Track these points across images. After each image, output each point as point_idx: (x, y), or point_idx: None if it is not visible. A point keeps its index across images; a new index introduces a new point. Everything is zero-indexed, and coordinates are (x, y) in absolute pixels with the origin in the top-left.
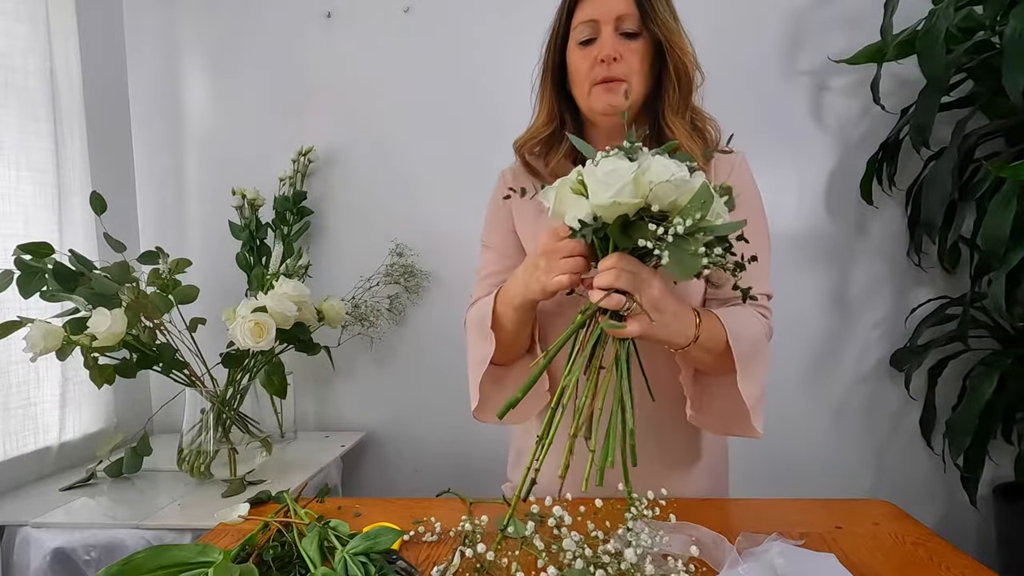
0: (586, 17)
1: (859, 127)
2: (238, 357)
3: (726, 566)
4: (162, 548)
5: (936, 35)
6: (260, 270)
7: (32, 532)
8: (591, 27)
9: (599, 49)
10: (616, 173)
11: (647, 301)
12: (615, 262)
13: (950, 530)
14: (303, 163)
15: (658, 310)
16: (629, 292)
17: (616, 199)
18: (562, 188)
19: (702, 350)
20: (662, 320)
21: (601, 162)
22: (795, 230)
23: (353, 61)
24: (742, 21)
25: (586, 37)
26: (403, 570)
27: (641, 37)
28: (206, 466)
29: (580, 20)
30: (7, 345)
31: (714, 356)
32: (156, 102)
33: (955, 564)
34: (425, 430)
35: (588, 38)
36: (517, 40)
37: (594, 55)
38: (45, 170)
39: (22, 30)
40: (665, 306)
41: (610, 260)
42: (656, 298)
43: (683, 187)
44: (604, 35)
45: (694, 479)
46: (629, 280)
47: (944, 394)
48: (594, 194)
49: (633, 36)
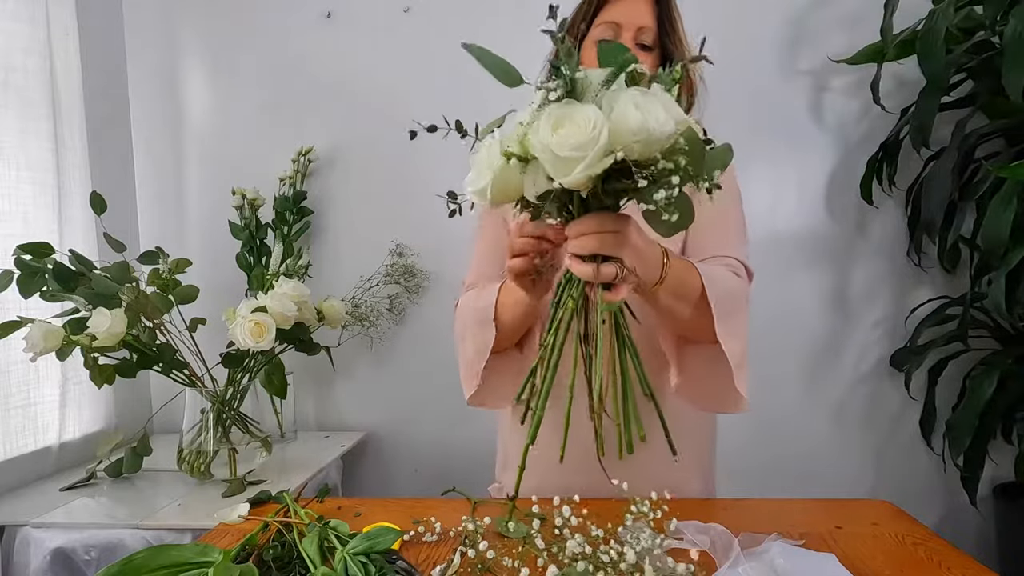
0: (610, 19)
1: (859, 127)
2: (238, 357)
3: (726, 566)
4: (162, 548)
5: (936, 35)
6: (260, 270)
7: (32, 532)
8: (613, 29)
9: None
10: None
11: (631, 255)
12: (593, 225)
13: (950, 530)
14: (303, 163)
15: (641, 260)
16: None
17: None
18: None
19: (675, 296)
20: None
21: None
22: (795, 230)
23: (353, 61)
24: (742, 21)
25: (606, 37)
26: (403, 570)
27: (654, 52)
28: (206, 466)
29: (604, 20)
30: (7, 345)
31: (690, 306)
32: (156, 102)
33: (955, 564)
34: (425, 430)
35: (607, 39)
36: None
37: None
38: (45, 170)
39: (22, 30)
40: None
41: (586, 223)
42: (640, 249)
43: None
44: (624, 39)
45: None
46: (613, 242)
47: (944, 394)
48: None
49: (647, 49)
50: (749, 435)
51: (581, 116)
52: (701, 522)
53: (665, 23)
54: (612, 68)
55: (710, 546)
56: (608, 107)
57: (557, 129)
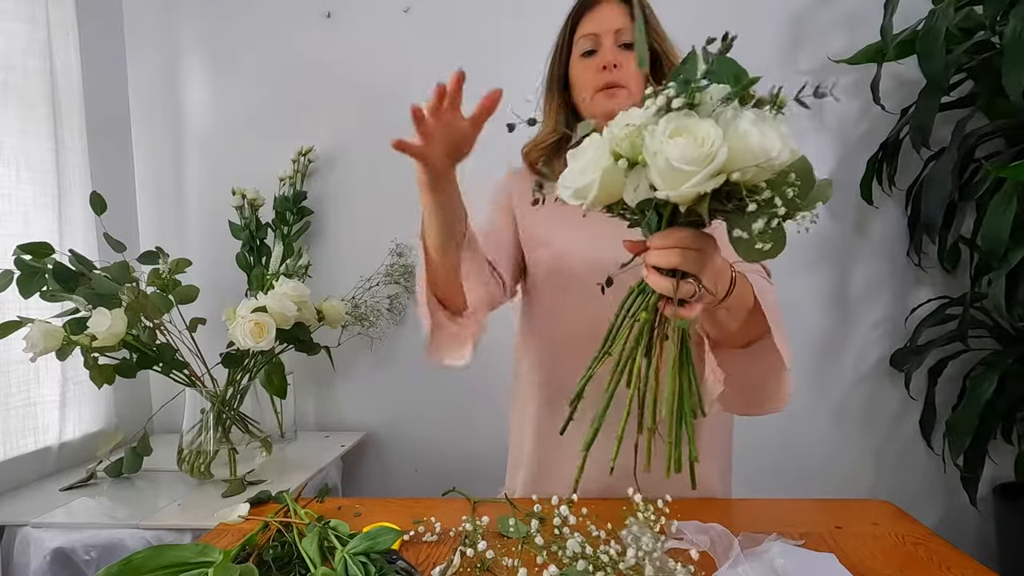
0: (587, 31)
1: (859, 127)
2: (238, 357)
3: (726, 566)
4: (162, 548)
5: (936, 35)
6: (260, 270)
7: (32, 532)
8: (592, 40)
9: (600, 58)
10: (693, 151)
11: (709, 275)
12: (679, 239)
13: (950, 530)
14: (303, 163)
15: (718, 280)
16: (695, 274)
17: (699, 189)
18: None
19: (732, 310)
20: (717, 288)
21: (659, 131)
22: (795, 230)
23: (353, 61)
24: (742, 21)
25: (588, 49)
26: (403, 570)
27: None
28: (206, 466)
29: (582, 34)
30: (7, 345)
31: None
32: (156, 102)
33: (955, 564)
34: (425, 430)
35: (589, 50)
36: (517, 40)
37: (596, 64)
38: (45, 170)
39: (22, 30)
40: (721, 273)
41: (671, 236)
42: (718, 269)
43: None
44: (604, 46)
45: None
46: (697, 260)
47: (944, 394)
48: (666, 184)
49: (630, 47)
50: (749, 435)
51: (700, 130)
52: (701, 522)
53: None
54: (731, 85)
55: (710, 546)
56: (725, 125)
57: (674, 137)
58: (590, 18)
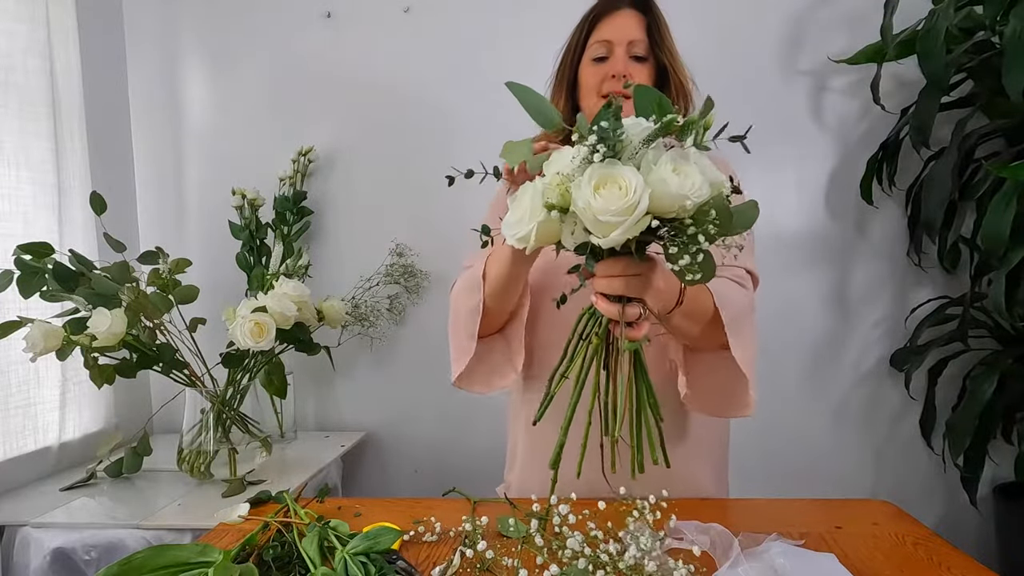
0: (602, 37)
1: (859, 127)
2: (238, 357)
3: (726, 566)
4: (162, 548)
5: (936, 35)
6: (260, 270)
7: (32, 532)
8: (606, 47)
9: (611, 66)
10: (617, 203)
11: (653, 297)
12: (620, 268)
13: (950, 530)
14: (303, 163)
15: (661, 299)
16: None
17: (627, 235)
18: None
19: (688, 318)
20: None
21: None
22: (795, 230)
23: (353, 61)
24: (742, 21)
25: (600, 55)
26: (403, 570)
27: (648, 62)
28: (206, 466)
29: (596, 39)
30: (7, 345)
31: (701, 326)
32: (156, 102)
33: (955, 564)
34: (425, 430)
35: (602, 56)
36: (517, 40)
37: (605, 71)
38: (45, 170)
39: (22, 30)
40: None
41: (613, 266)
42: (661, 290)
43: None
44: (617, 55)
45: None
46: (639, 285)
47: (944, 394)
48: (597, 232)
49: (641, 60)
50: (749, 435)
51: (623, 180)
52: (701, 522)
53: (655, 34)
54: (651, 126)
55: (710, 546)
56: (647, 168)
57: (599, 190)
58: (606, 25)
